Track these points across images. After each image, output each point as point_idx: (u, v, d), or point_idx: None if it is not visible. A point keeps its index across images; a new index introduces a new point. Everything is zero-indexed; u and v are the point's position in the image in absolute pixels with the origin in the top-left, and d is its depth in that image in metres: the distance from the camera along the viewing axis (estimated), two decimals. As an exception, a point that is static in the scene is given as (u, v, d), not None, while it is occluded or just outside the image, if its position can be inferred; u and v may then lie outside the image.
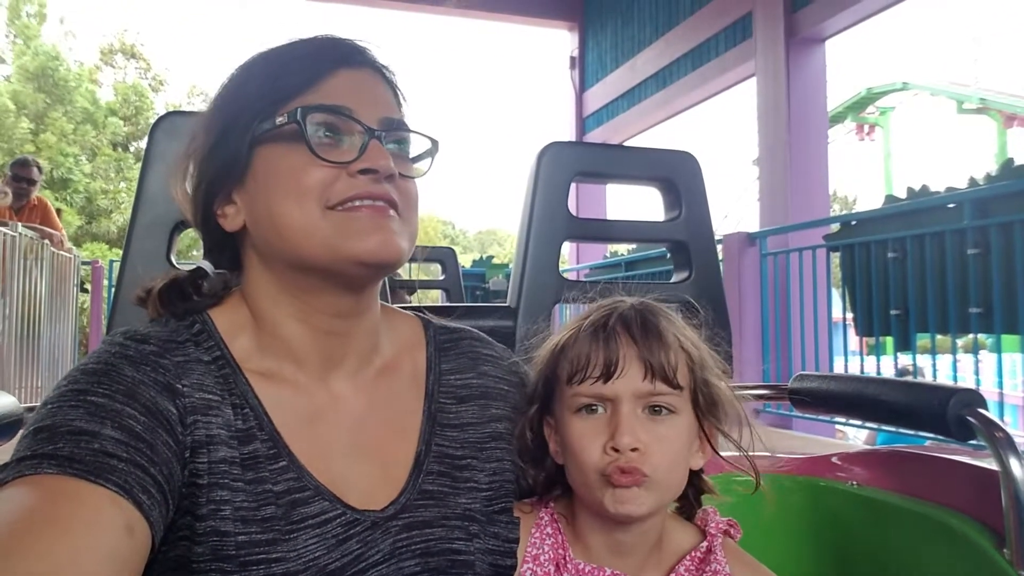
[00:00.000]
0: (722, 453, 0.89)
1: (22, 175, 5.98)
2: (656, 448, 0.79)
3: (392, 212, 0.76)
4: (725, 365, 0.88)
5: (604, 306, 0.86)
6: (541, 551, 0.85)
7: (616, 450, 0.78)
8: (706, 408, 0.84)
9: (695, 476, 0.88)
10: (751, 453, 0.88)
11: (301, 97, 0.76)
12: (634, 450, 0.78)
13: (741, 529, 0.89)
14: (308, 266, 0.76)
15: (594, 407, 0.81)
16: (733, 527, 0.89)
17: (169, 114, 1.28)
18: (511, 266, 1.64)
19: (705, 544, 0.86)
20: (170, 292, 0.82)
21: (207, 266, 0.86)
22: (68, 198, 17.16)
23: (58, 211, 6.79)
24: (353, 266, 0.75)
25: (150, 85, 21.42)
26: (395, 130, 0.79)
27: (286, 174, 0.75)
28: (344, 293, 0.79)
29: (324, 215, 0.74)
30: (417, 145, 0.83)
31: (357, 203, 0.74)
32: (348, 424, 0.81)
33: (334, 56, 0.78)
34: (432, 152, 0.84)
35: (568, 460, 0.84)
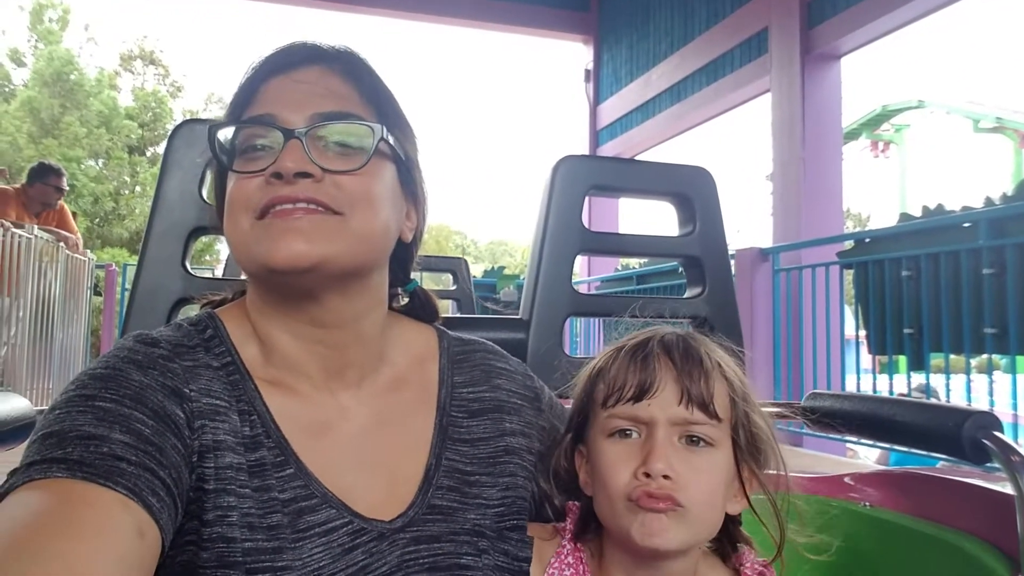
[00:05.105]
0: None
1: (59, 185, 5.99)
2: (690, 479, 0.76)
3: (304, 215, 0.72)
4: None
5: (645, 332, 0.84)
6: None
7: (647, 475, 0.75)
8: (746, 447, 0.81)
9: (730, 521, 0.85)
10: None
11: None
12: (666, 477, 0.75)
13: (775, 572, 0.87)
14: (251, 278, 0.78)
15: (628, 431, 0.79)
16: (768, 569, 0.86)
17: (187, 122, 1.28)
18: (523, 277, 1.64)
19: None
20: None
21: None
22: (74, 202, 17.33)
23: (73, 214, 6.83)
24: (269, 273, 0.73)
25: (168, 91, 21.65)
26: (323, 123, 0.74)
27: (229, 192, 0.77)
28: (302, 301, 0.77)
29: (252, 226, 0.74)
30: (365, 135, 0.76)
31: (278, 208, 0.72)
32: (356, 436, 0.80)
33: (268, 68, 0.78)
34: (374, 140, 0.75)
35: (597, 488, 0.81)
